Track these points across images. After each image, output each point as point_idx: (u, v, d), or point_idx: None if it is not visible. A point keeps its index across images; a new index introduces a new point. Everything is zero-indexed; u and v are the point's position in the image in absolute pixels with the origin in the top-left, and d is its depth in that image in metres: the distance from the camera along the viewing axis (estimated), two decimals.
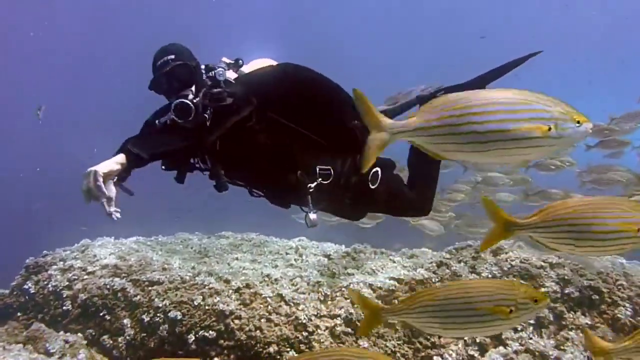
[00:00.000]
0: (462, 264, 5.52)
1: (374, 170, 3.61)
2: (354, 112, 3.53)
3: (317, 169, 3.44)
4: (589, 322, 4.68)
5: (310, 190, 3.43)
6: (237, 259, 6.34)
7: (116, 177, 2.79)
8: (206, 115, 3.08)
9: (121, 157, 2.74)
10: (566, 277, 4.97)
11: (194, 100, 3.11)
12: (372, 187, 3.62)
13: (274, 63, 3.64)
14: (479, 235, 7.61)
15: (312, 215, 3.51)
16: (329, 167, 3.46)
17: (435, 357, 4.49)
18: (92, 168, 2.63)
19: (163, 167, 3.41)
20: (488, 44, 19.90)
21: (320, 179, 3.42)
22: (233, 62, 3.42)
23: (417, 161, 4.12)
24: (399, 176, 3.98)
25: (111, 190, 2.95)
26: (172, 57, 3.20)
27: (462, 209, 8.63)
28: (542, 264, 5.23)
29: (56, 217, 16.71)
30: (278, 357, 4.49)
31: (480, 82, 4.20)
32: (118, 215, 2.86)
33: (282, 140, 3.36)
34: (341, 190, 3.59)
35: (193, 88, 3.18)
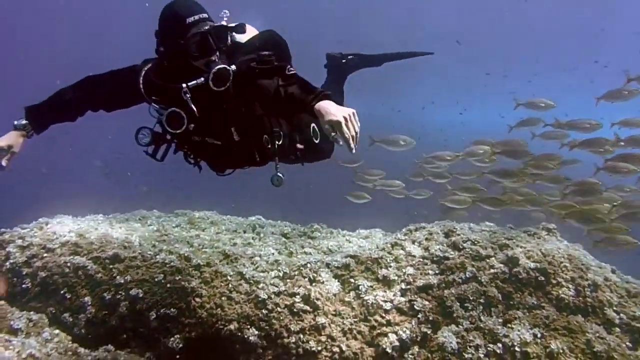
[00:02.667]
0: (415, 244, 5.70)
1: (312, 126, 3.89)
2: None
3: (273, 132, 3.61)
4: (535, 302, 4.93)
5: (276, 151, 3.63)
6: (197, 236, 6.40)
7: None
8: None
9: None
10: (514, 259, 5.20)
11: (232, 67, 3.24)
12: (317, 141, 3.99)
13: (255, 30, 3.75)
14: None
15: (280, 175, 3.71)
16: (277, 129, 3.64)
17: (390, 334, 4.67)
18: (350, 109, 2.81)
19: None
20: None
21: (276, 141, 3.60)
22: (233, 26, 3.41)
23: None
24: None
25: (19, 144, 3.12)
26: (206, 15, 3.23)
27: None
28: (492, 245, 5.47)
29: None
30: (239, 334, 4.60)
31: (381, 59, 4.89)
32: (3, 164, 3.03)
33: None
34: (290, 148, 3.81)
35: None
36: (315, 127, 4.01)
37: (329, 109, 2.81)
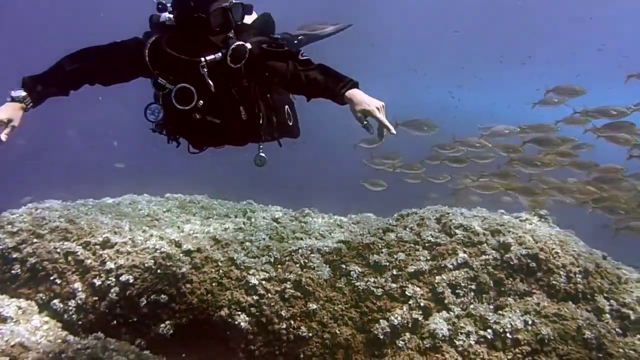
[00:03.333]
0: (407, 230, 5.68)
1: (286, 108, 3.99)
2: None
3: (256, 112, 3.63)
4: (527, 289, 4.94)
5: (262, 131, 3.65)
6: (188, 221, 6.36)
7: None
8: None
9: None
10: (506, 245, 5.20)
11: (247, 45, 3.23)
12: (290, 123, 4.04)
13: (254, 14, 3.74)
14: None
15: (262, 155, 3.74)
16: (258, 110, 3.65)
17: (381, 321, 4.67)
18: (380, 101, 2.94)
19: None
20: None
21: (260, 121, 3.61)
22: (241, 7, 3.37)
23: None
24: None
25: (18, 118, 3.02)
26: None
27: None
28: (484, 231, 5.45)
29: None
30: (229, 320, 4.60)
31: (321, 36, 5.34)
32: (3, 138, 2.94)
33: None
34: (269, 129, 3.81)
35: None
36: (289, 109, 4.04)
37: (362, 98, 2.93)
